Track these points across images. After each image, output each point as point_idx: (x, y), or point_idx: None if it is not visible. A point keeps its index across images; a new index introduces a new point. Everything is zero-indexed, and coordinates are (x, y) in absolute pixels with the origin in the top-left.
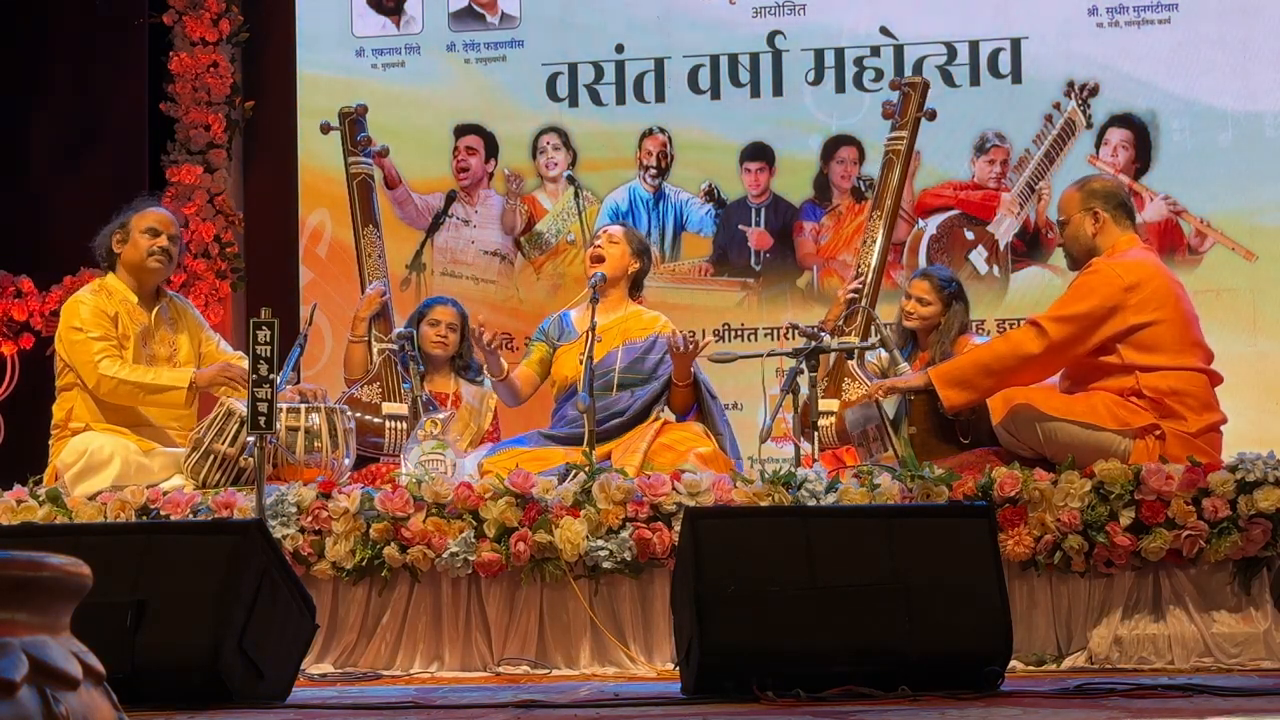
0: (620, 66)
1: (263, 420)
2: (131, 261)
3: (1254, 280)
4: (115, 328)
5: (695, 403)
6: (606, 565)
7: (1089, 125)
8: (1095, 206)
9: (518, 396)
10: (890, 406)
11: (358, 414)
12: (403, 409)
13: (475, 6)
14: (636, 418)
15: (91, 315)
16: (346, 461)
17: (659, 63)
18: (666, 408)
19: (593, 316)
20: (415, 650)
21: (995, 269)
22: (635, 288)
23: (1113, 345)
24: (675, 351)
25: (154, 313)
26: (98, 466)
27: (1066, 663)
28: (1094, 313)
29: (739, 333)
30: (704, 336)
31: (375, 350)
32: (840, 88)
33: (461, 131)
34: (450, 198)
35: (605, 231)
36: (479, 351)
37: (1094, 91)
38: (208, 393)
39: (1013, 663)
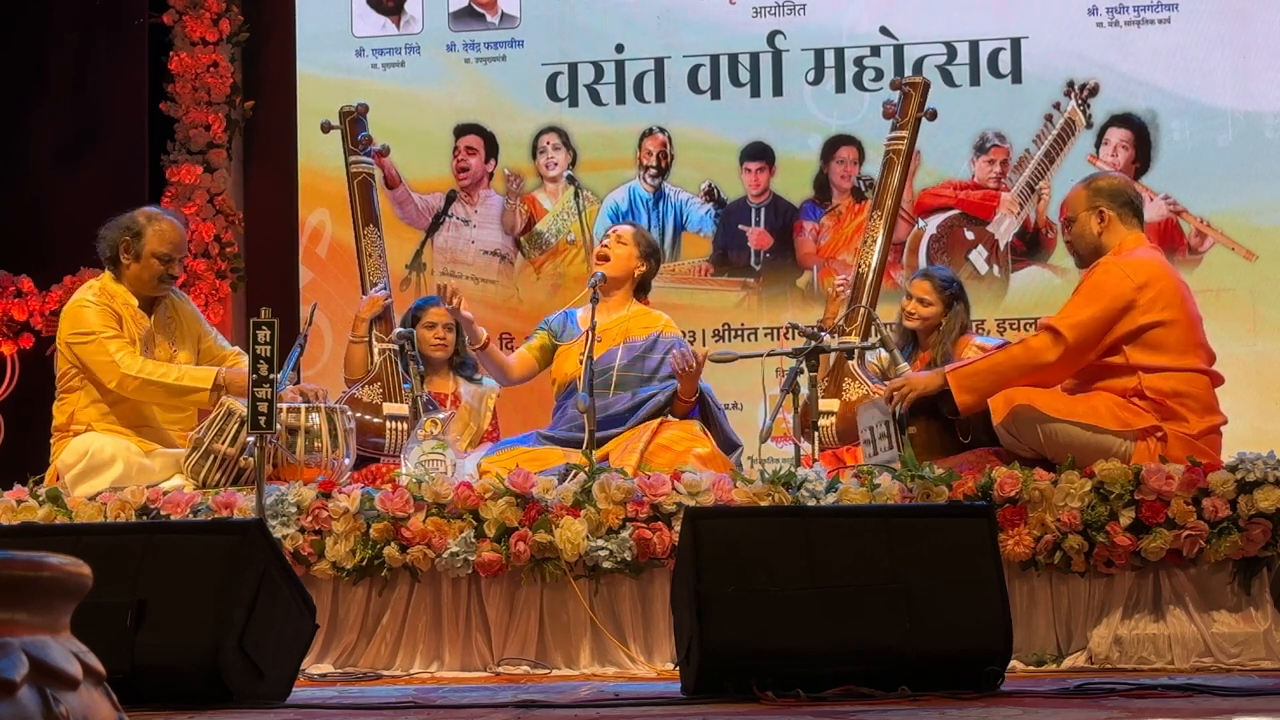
0: (620, 66)
1: (263, 420)
2: (138, 278)
3: (1254, 280)
4: (121, 328)
5: (698, 406)
6: (606, 565)
7: (1089, 125)
8: (1100, 205)
9: (506, 374)
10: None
11: (358, 414)
12: (403, 409)
13: (475, 6)
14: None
15: (98, 317)
16: (346, 461)
17: (659, 63)
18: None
19: (593, 316)
20: (415, 650)
21: (995, 269)
22: (641, 289)
23: (1119, 346)
24: (680, 373)
25: (154, 317)
26: (99, 467)
27: (1066, 663)
28: (1106, 313)
29: (739, 333)
30: (704, 339)
31: (375, 350)
32: (840, 88)
33: (461, 131)
34: (450, 198)
35: (614, 231)
36: (462, 325)
37: (1094, 91)
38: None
39: (1013, 663)
